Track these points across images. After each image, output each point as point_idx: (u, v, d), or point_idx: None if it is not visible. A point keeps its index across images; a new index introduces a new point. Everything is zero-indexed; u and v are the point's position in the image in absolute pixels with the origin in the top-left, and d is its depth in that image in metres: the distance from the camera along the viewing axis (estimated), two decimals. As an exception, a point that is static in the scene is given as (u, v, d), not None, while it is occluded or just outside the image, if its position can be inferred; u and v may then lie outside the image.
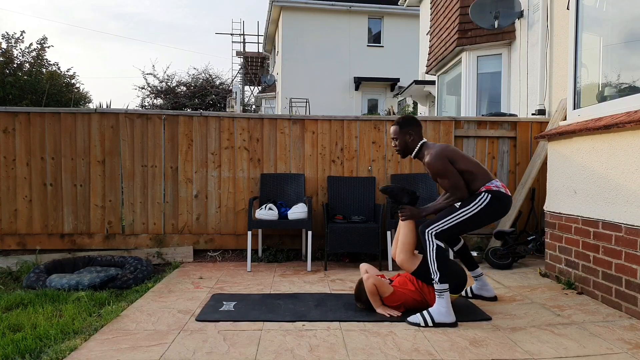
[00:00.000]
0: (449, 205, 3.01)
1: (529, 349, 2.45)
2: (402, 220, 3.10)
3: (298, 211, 4.29)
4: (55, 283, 3.62)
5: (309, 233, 4.26)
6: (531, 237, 4.61)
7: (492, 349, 2.45)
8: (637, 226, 2.86)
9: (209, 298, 3.34)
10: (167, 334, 2.67)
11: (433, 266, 2.84)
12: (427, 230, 2.90)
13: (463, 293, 3.39)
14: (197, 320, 2.88)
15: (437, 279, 2.83)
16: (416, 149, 3.12)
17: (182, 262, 4.59)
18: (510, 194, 3.04)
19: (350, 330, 2.72)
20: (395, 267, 4.37)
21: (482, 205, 2.93)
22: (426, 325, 2.76)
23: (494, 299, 3.30)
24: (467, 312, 3.02)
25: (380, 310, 2.98)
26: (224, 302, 3.22)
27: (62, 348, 2.44)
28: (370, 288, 2.97)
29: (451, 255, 4.31)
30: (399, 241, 3.09)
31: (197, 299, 3.35)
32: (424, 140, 3.14)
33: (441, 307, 2.80)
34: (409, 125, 3.12)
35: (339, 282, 3.85)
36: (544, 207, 3.98)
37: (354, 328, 2.75)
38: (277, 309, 3.09)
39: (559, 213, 3.73)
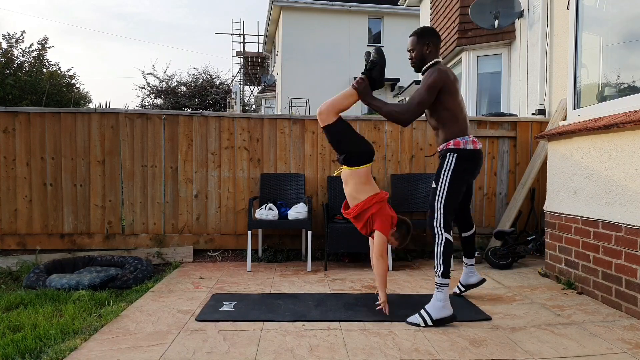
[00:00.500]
0: (389, 110, 2.90)
1: (529, 349, 2.45)
2: (353, 86, 3.00)
3: (298, 211, 4.29)
4: (55, 283, 3.62)
5: (309, 233, 4.26)
6: (531, 237, 4.61)
7: (492, 349, 2.45)
8: (637, 226, 2.86)
9: (209, 298, 3.34)
10: (167, 334, 2.67)
11: (438, 259, 2.85)
12: (434, 225, 2.89)
13: (457, 291, 3.37)
14: (197, 320, 2.88)
15: (439, 273, 2.84)
16: (430, 63, 2.97)
17: (182, 262, 4.59)
18: (479, 147, 2.94)
19: (350, 330, 2.72)
20: (395, 267, 4.37)
21: (452, 168, 2.87)
22: (426, 325, 2.76)
23: (482, 281, 3.31)
24: (467, 312, 3.02)
25: (383, 297, 3.00)
26: (224, 302, 3.22)
27: (62, 348, 2.44)
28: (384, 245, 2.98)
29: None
30: (334, 98, 3.03)
31: (197, 299, 3.35)
32: (440, 60, 3.01)
33: (437, 302, 2.81)
34: (428, 35, 2.97)
35: (339, 282, 3.85)
36: (544, 207, 3.98)
37: (354, 328, 2.75)
38: (277, 309, 3.09)
39: (559, 213, 3.73)
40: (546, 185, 3.99)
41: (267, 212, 4.26)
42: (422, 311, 2.82)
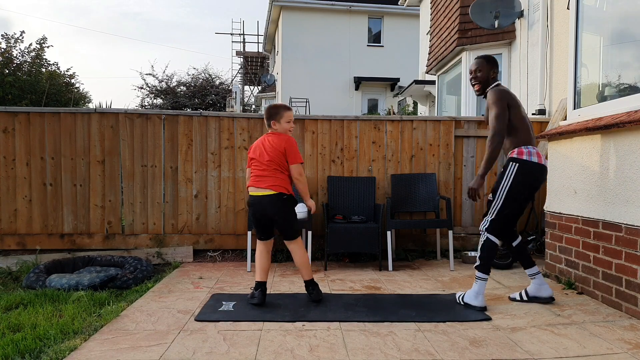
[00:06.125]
0: (489, 160, 2.99)
1: (529, 349, 2.45)
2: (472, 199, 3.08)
3: (298, 211, 4.26)
4: (55, 283, 3.62)
5: (309, 233, 4.25)
6: (531, 237, 4.61)
7: (492, 349, 2.45)
8: (637, 226, 2.86)
9: (209, 298, 3.34)
10: (167, 334, 2.66)
11: (478, 254, 3.13)
12: (480, 227, 3.14)
13: (517, 297, 3.29)
14: (196, 320, 2.88)
15: (477, 266, 3.12)
16: (493, 85, 3.20)
17: (182, 262, 4.59)
18: (544, 162, 3.06)
19: (350, 330, 2.72)
20: (395, 267, 4.37)
21: (512, 178, 3.01)
22: (458, 302, 3.18)
23: (550, 299, 3.18)
24: (467, 312, 3.02)
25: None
26: (224, 302, 3.21)
27: (62, 348, 2.44)
28: None
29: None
30: None
31: (197, 299, 3.35)
32: (500, 83, 3.25)
33: (472, 291, 3.13)
34: (494, 64, 3.25)
35: (339, 282, 3.85)
36: (544, 207, 3.98)
37: (354, 328, 2.75)
38: (277, 309, 3.09)
39: (559, 213, 3.73)
40: (546, 185, 3.98)
41: (267, 212, 4.25)
42: (460, 293, 3.23)
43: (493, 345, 2.50)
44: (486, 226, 3.09)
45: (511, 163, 3.04)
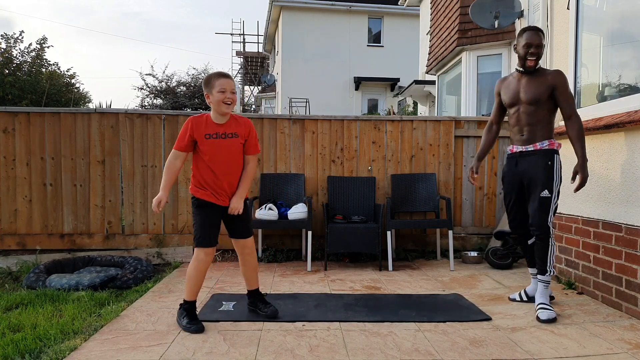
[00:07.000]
0: (581, 130, 2.93)
1: (529, 349, 2.45)
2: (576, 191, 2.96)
3: (298, 211, 4.28)
4: (55, 283, 3.62)
5: (309, 233, 4.26)
6: (531, 237, 4.61)
7: (492, 349, 2.45)
8: (637, 226, 2.86)
9: (209, 298, 3.34)
10: (167, 334, 2.66)
11: (552, 257, 2.98)
12: (547, 225, 2.95)
13: (517, 297, 3.29)
14: (197, 320, 2.88)
15: (551, 271, 2.97)
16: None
17: (182, 262, 4.59)
18: None
19: (350, 330, 2.72)
20: (395, 267, 4.37)
21: (559, 171, 2.99)
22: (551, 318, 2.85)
23: (551, 298, 3.17)
24: (467, 312, 3.02)
25: None
26: (224, 302, 3.21)
27: (62, 348, 2.44)
28: None
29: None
30: None
31: (197, 299, 3.34)
32: None
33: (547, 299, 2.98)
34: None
35: (339, 282, 3.85)
36: (544, 207, 3.97)
37: (354, 328, 2.75)
38: (277, 309, 3.09)
39: (559, 213, 3.73)
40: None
41: (267, 212, 4.26)
42: (544, 305, 2.90)
43: (493, 345, 2.50)
44: (552, 222, 2.96)
45: (555, 156, 2.99)
